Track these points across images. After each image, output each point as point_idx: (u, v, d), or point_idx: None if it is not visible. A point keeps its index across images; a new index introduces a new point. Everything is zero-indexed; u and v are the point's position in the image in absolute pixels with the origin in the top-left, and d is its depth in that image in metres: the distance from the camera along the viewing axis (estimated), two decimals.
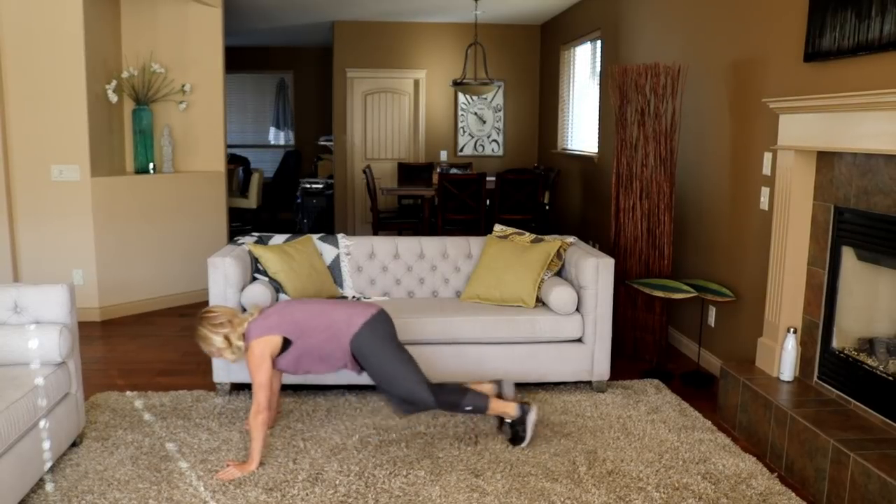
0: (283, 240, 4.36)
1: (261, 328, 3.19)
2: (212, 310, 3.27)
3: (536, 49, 9.23)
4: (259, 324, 3.20)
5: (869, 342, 3.29)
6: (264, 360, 3.15)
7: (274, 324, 3.20)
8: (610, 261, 4.03)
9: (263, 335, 3.17)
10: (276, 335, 3.18)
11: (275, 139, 12.21)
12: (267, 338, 3.17)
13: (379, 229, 7.45)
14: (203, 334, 3.19)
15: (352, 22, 8.99)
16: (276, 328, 3.19)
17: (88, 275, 5.46)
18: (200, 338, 3.21)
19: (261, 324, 3.20)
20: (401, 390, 3.21)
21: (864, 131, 2.97)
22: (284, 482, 3.03)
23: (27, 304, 3.12)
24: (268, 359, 3.16)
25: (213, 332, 3.18)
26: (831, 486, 2.88)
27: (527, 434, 3.34)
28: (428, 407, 3.22)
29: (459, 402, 3.25)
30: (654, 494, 2.96)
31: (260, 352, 3.15)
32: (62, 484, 2.99)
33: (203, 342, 3.21)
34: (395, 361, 3.21)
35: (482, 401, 3.29)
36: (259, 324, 3.20)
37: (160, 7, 6.04)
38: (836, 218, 3.35)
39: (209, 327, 3.19)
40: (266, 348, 3.16)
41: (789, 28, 3.63)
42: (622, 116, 4.72)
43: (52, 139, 5.27)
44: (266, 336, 3.17)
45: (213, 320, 3.20)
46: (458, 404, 3.25)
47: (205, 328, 3.19)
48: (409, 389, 3.19)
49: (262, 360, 3.14)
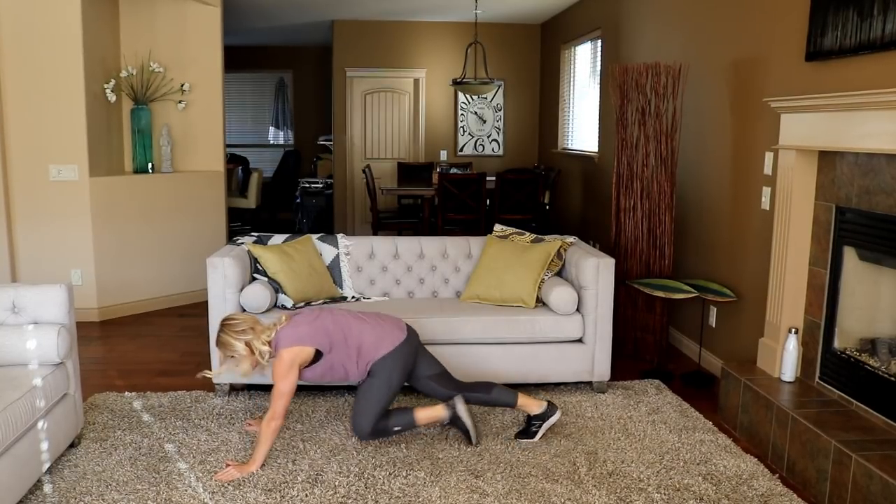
0: (283, 240, 4.34)
1: (292, 337, 3.16)
2: (233, 317, 3.25)
3: (537, 48, 9.22)
4: (290, 332, 3.18)
5: (871, 342, 3.28)
6: (293, 370, 3.13)
7: (306, 334, 3.18)
8: (610, 261, 4.02)
9: (295, 345, 3.15)
10: (309, 346, 3.17)
11: (274, 139, 12.20)
12: (299, 348, 3.15)
13: (379, 229, 7.44)
14: (225, 340, 3.15)
15: (351, 21, 8.98)
16: (308, 339, 3.18)
17: (87, 275, 5.45)
18: (222, 344, 3.16)
19: (292, 332, 3.18)
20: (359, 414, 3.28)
21: (865, 131, 2.96)
22: (284, 483, 3.01)
23: (25, 305, 3.11)
24: (296, 368, 3.15)
25: (235, 338, 3.13)
26: (833, 488, 2.87)
27: (468, 424, 3.34)
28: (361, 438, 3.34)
29: (387, 427, 3.31)
30: (654, 495, 2.94)
31: (290, 360, 3.13)
32: (60, 485, 2.98)
33: (224, 348, 3.16)
34: (381, 395, 3.27)
35: (408, 416, 3.34)
36: (290, 332, 3.18)
37: (159, 6, 6.02)
38: (837, 218, 3.34)
39: (231, 334, 3.14)
40: (297, 358, 3.15)
41: (791, 27, 3.61)
42: (623, 116, 4.71)
43: (50, 139, 5.25)
44: (298, 346, 3.15)
45: (234, 327, 3.16)
46: (386, 428, 3.32)
47: (227, 335, 3.15)
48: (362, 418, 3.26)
49: (290, 369, 3.12)
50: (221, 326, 3.20)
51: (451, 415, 3.34)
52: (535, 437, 3.42)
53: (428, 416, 3.35)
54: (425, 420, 3.36)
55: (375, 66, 9.12)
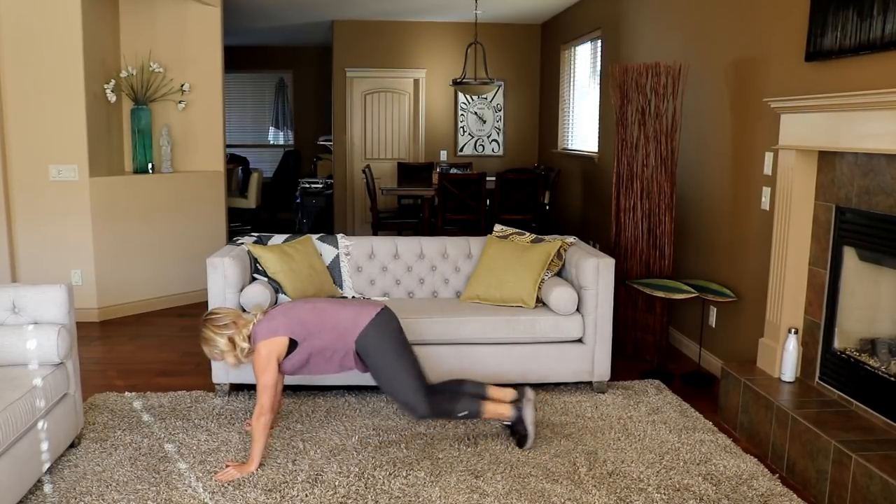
0: (283, 240, 4.34)
1: (266, 330, 3.16)
2: (216, 311, 3.26)
3: (537, 48, 9.22)
4: (264, 325, 3.18)
5: (871, 343, 3.28)
6: (270, 362, 3.13)
7: (280, 325, 3.18)
8: (610, 261, 4.02)
9: (269, 337, 3.15)
10: (282, 336, 3.16)
11: (274, 139, 12.19)
12: (273, 339, 3.15)
13: (379, 229, 7.44)
14: (207, 336, 3.17)
15: (351, 21, 8.98)
16: (282, 329, 3.17)
17: (87, 275, 5.45)
18: (204, 340, 3.18)
19: (266, 325, 3.18)
20: (398, 395, 3.20)
21: (865, 131, 2.96)
22: (284, 483, 3.01)
23: (25, 305, 3.11)
24: (274, 361, 3.14)
25: (218, 333, 3.15)
26: (833, 488, 2.87)
27: (529, 432, 3.31)
28: (421, 416, 3.21)
29: (453, 410, 3.23)
30: (654, 495, 2.94)
31: (266, 353, 3.13)
32: (60, 485, 2.98)
33: (207, 344, 3.19)
34: (396, 365, 3.20)
35: (476, 405, 3.27)
36: (264, 325, 3.18)
37: (159, 6, 6.02)
38: (837, 218, 3.34)
39: (213, 329, 3.16)
40: (273, 350, 3.14)
41: (791, 27, 3.61)
42: (623, 116, 4.71)
43: (50, 139, 5.25)
44: (272, 338, 3.15)
45: (216, 322, 3.17)
46: (451, 412, 3.24)
47: (209, 330, 3.16)
48: (404, 396, 3.18)
49: (268, 362, 3.12)
50: (203, 321, 3.20)
51: (518, 417, 3.31)
52: (529, 439, 3.34)
53: (494, 412, 3.30)
54: (491, 415, 3.30)
55: (375, 66, 9.12)
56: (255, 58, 11.43)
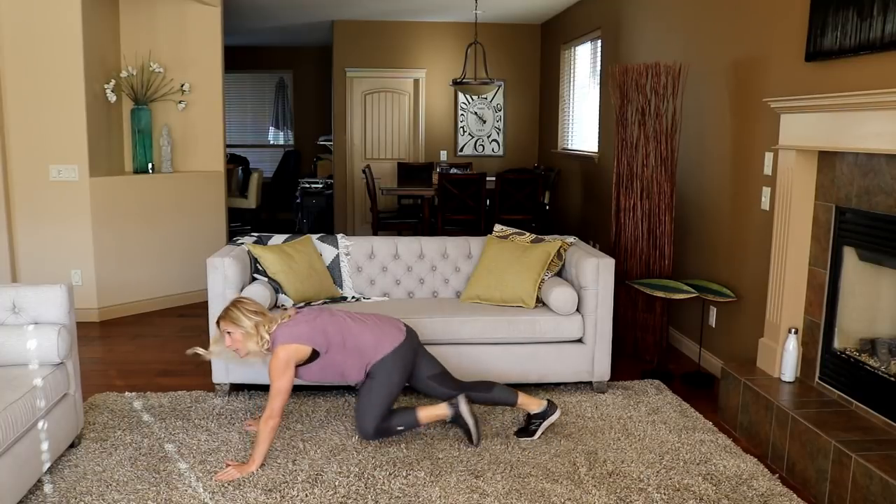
0: (283, 240, 4.34)
1: (290, 335, 3.16)
2: (247, 298, 3.30)
3: (537, 48, 9.22)
4: (287, 329, 3.18)
5: (871, 343, 3.28)
6: (289, 368, 3.13)
7: (304, 333, 3.18)
8: (610, 261, 4.02)
9: (292, 343, 3.15)
10: (306, 345, 3.17)
11: (274, 139, 12.19)
12: (296, 346, 3.15)
13: (379, 229, 7.44)
14: (235, 316, 3.15)
15: (351, 21, 8.98)
16: (306, 338, 3.17)
17: (87, 275, 5.45)
18: (230, 319, 3.15)
19: (289, 330, 3.18)
20: (364, 413, 3.29)
21: (865, 131, 2.96)
22: (284, 483, 3.01)
23: (25, 305, 3.11)
24: (292, 366, 3.15)
25: (247, 315, 3.15)
26: (833, 488, 2.87)
27: (469, 423, 3.33)
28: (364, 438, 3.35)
29: (391, 427, 3.32)
30: (654, 495, 2.95)
31: (286, 358, 3.13)
32: (60, 485, 2.98)
33: (231, 324, 3.15)
34: (384, 391, 3.29)
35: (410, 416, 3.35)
36: (287, 329, 3.18)
37: (159, 6, 6.02)
38: (837, 218, 3.34)
39: (245, 311, 3.16)
40: (293, 356, 3.15)
41: (791, 27, 3.61)
42: (622, 116, 4.71)
43: (50, 139, 5.25)
44: (295, 344, 3.15)
45: (248, 306, 3.19)
46: (390, 430, 3.33)
47: (239, 311, 3.16)
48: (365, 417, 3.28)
49: (286, 367, 3.12)
50: (234, 303, 3.21)
51: (454, 413, 3.34)
52: (534, 436, 3.43)
53: (430, 415, 3.36)
54: (428, 419, 3.36)
55: (375, 66, 9.12)
56: (255, 58, 11.43)
